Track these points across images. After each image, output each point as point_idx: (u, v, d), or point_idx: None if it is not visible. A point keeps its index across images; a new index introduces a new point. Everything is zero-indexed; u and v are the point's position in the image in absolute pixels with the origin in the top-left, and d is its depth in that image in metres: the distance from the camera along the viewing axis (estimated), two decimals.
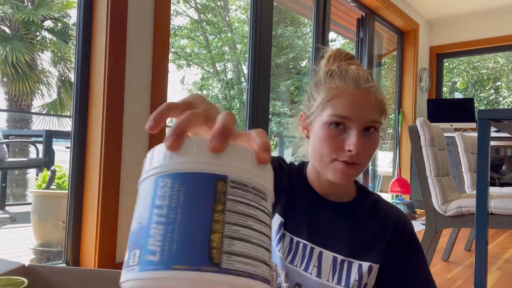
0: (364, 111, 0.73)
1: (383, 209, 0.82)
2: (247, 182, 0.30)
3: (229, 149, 0.31)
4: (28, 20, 6.47)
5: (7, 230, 2.94)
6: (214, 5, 12.53)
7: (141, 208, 0.33)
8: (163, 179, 0.31)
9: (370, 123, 0.74)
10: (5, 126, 6.52)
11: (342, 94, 0.74)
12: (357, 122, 0.73)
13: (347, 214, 0.80)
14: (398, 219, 0.81)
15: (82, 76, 1.81)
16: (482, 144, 1.22)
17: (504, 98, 7.10)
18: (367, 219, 0.80)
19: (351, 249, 0.77)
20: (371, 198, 0.84)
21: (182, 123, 0.34)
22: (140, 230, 0.30)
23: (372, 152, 0.76)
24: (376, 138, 0.76)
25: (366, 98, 0.74)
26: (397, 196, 4.13)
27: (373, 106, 0.74)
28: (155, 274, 0.26)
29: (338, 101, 0.74)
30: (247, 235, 0.28)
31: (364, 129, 0.74)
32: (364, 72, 0.77)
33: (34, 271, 0.94)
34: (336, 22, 4.18)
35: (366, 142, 0.74)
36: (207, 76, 13.29)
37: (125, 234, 1.84)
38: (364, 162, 0.75)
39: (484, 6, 4.34)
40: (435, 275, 2.08)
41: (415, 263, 0.79)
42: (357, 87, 0.74)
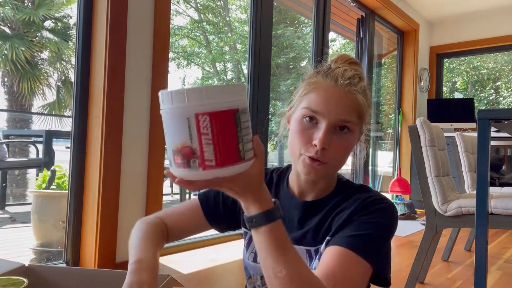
0: (336, 108, 0.72)
1: (361, 194, 0.76)
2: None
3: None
4: (28, 20, 6.47)
5: (7, 230, 2.94)
6: (214, 5, 12.52)
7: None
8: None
9: (342, 122, 0.72)
10: (5, 126, 6.52)
11: (318, 89, 0.74)
12: (328, 118, 0.71)
13: (317, 209, 0.80)
14: (371, 196, 0.75)
15: (82, 76, 1.81)
16: (482, 144, 1.22)
17: (504, 98, 7.10)
18: (336, 206, 0.77)
19: (318, 238, 0.77)
20: (351, 189, 0.79)
21: None
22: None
23: (343, 153, 0.73)
24: (348, 140, 0.73)
25: (342, 97, 0.73)
26: (397, 196, 4.13)
27: (348, 105, 0.72)
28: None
29: (313, 95, 0.74)
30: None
31: (338, 128, 0.72)
32: (353, 75, 0.75)
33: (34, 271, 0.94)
34: (336, 22, 4.18)
35: (336, 141, 0.72)
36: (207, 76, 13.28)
37: (125, 234, 1.84)
38: (333, 161, 0.73)
39: (484, 6, 4.34)
40: (435, 275, 2.08)
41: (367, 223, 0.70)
42: (335, 85, 0.74)
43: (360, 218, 0.72)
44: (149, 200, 1.93)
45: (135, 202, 1.88)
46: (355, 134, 0.75)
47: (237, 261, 2.09)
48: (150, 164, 1.93)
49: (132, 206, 1.87)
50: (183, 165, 0.48)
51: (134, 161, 1.87)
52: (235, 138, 0.50)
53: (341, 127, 0.72)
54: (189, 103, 0.47)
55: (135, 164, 1.88)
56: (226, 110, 0.49)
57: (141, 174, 1.90)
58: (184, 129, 0.48)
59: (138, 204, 1.90)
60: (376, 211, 0.73)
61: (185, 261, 2.10)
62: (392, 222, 0.74)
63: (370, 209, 0.73)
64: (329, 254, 0.67)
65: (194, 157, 0.48)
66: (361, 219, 0.71)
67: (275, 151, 6.94)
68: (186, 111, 0.47)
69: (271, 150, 7.22)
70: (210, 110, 0.48)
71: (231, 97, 0.49)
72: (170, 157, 0.50)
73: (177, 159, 0.49)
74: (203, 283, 1.76)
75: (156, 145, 1.95)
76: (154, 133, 1.94)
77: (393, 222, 0.74)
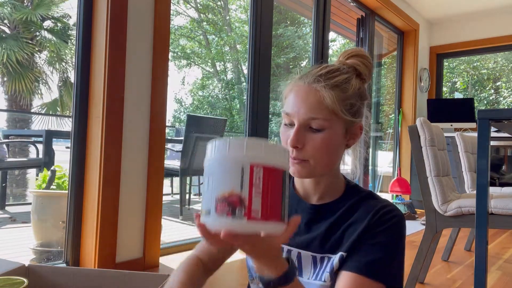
0: (303, 107, 0.73)
1: (369, 203, 0.77)
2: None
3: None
4: (26, 19, 6.46)
5: (7, 230, 2.94)
6: (214, 5, 12.52)
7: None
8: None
9: (310, 119, 0.72)
10: (5, 126, 6.52)
11: (292, 91, 0.76)
12: (297, 118, 0.73)
13: (326, 214, 0.80)
14: (382, 208, 0.75)
15: (82, 76, 1.81)
16: (482, 144, 1.22)
17: (504, 98, 7.10)
18: (346, 214, 0.78)
19: (327, 245, 0.77)
20: (360, 195, 0.80)
21: None
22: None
23: (322, 149, 0.73)
24: (325, 136, 0.73)
25: (308, 95, 0.73)
26: (397, 196, 4.13)
27: (313, 103, 0.72)
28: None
29: (288, 98, 0.77)
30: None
31: (310, 127, 0.73)
32: (328, 71, 0.75)
33: (34, 271, 0.94)
34: (336, 22, 4.18)
35: (311, 139, 0.73)
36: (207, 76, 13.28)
37: (125, 234, 1.84)
38: (313, 158, 0.73)
39: (484, 6, 4.34)
40: (435, 275, 2.07)
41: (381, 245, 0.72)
42: (303, 84, 0.75)
43: (375, 238, 0.73)
44: (149, 200, 1.93)
45: (135, 202, 1.88)
46: (333, 129, 0.74)
47: (237, 261, 2.09)
48: (150, 164, 1.93)
49: (132, 206, 1.87)
50: (226, 213, 0.48)
51: (134, 161, 1.87)
52: (280, 197, 0.51)
53: (313, 125, 0.73)
54: (247, 153, 0.49)
55: (135, 164, 1.88)
56: (278, 168, 0.51)
57: (141, 174, 1.91)
58: (236, 177, 0.48)
59: (138, 204, 1.90)
60: (389, 228, 0.74)
61: None
62: (404, 235, 0.76)
63: (383, 226, 0.74)
64: (347, 282, 0.70)
65: (241, 206, 0.48)
66: (376, 240, 0.73)
67: None
68: (243, 160, 0.49)
69: None
70: (265, 163, 0.49)
71: (282, 157, 0.52)
72: (210, 205, 0.49)
73: (220, 206, 0.48)
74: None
75: (156, 145, 1.95)
76: (154, 133, 1.94)
77: (404, 233, 0.77)
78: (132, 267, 1.84)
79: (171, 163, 3.53)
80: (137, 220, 1.90)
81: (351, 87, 0.76)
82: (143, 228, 1.92)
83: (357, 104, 0.77)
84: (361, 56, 0.81)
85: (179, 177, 3.39)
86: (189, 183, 3.99)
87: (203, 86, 13.10)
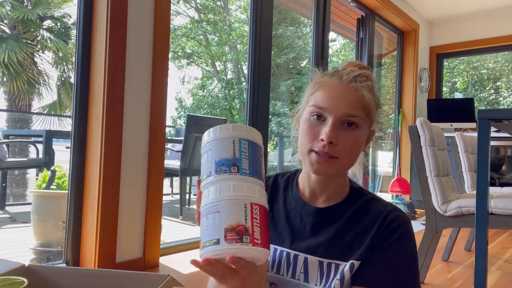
0: (341, 103, 0.74)
1: (375, 207, 0.78)
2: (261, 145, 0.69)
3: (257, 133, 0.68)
4: (24, 18, 6.45)
5: (7, 230, 2.94)
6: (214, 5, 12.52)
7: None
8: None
9: (348, 116, 0.73)
10: (5, 126, 6.52)
11: (324, 87, 0.77)
12: (334, 113, 0.73)
13: (332, 217, 0.79)
14: (389, 213, 0.76)
15: (82, 76, 1.81)
16: (482, 144, 1.22)
17: (504, 98, 7.10)
18: (354, 219, 0.78)
19: (335, 251, 0.76)
20: (364, 198, 0.80)
21: None
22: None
23: (352, 148, 0.74)
24: (357, 135, 0.75)
25: (348, 93, 0.74)
26: (397, 196, 4.13)
27: (354, 101, 0.74)
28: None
29: (319, 93, 0.76)
30: None
31: (346, 124, 0.74)
32: (359, 74, 0.77)
33: (34, 271, 0.94)
34: (336, 22, 4.18)
35: (344, 136, 0.73)
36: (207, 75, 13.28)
37: (125, 234, 1.84)
38: (343, 156, 0.74)
39: (484, 6, 4.34)
40: (435, 275, 2.08)
41: (395, 257, 0.73)
42: (340, 82, 0.76)
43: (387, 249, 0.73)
44: (149, 200, 1.93)
45: (135, 202, 1.88)
46: (363, 130, 0.76)
47: None
48: (150, 164, 1.93)
49: (132, 206, 1.87)
50: (235, 240, 0.58)
51: (134, 161, 1.87)
52: (268, 229, 0.63)
53: (348, 123, 0.74)
54: (247, 195, 0.61)
55: (135, 164, 1.88)
56: (265, 207, 0.63)
57: (141, 174, 1.91)
58: (241, 212, 0.60)
59: (138, 204, 1.90)
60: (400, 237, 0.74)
61: (185, 261, 2.10)
62: (414, 241, 0.77)
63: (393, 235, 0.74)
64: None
65: (246, 234, 0.58)
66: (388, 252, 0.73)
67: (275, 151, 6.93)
68: (245, 199, 0.61)
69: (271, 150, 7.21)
70: (259, 202, 0.62)
71: (266, 198, 0.66)
72: (219, 235, 0.58)
73: (230, 235, 0.58)
74: (203, 283, 1.76)
75: (156, 145, 1.95)
76: (154, 133, 1.94)
77: (414, 239, 0.77)
78: (132, 267, 1.84)
79: (171, 163, 3.53)
80: (137, 220, 1.90)
81: (378, 93, 0.80)
82: (143, 228, 1.92)
83: (378, 111, 0.80)
84: (367, 68, 0.84)
85: (179, 177, 3.39)
86: (189, 183, 3.99)
87: (202, 86, 13.11)
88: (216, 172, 0.63)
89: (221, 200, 0.60)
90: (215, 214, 0.60)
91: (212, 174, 0.63)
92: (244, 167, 0.63)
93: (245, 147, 0.64)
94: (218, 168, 0.63)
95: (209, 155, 0.65)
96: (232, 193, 0.61)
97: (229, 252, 0.58)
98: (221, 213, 0.60)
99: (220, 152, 0.64)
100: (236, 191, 0.61)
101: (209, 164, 0.64)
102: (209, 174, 0.63)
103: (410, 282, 0.74)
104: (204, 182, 0.64)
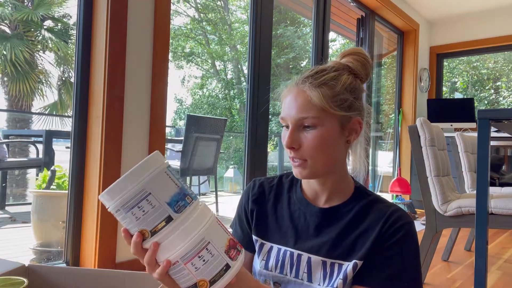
0: (293, 109, 0.76)
1: (378, 208, 0.78)
2: None
3: None
4: (27, 19, 6.45)
5: (7, 230, 2.94)
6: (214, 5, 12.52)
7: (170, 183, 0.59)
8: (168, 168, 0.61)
9: (300, 120, 0.75)
10: (5, 126, 6.52)
11: (284, 96, 0.80)
12: (290, 120, 0.76)
13: (335, 217, 0.80)
14: (392, 214, 0.76)
15: (82, 76, 1.81)
16: (482, 144, 1.22)
17: (504, 98, 7.10)
18: (357, 220, 0.78)
19: (338, 251, 0.76)
20: (368, 199, 0.80)
21: None
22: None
23: (317, 147, 0.74)
24: (317, 134, 0.74)
25: (297, 96, 0.76)
26: (397, 196, 4.13)
27: (303, 104, 0.75)
28: None
29: (283, 103, 0.80)
30: None
31: (304, 127, 0.75)
32: (311, 73, 0.78)
33: (34, 271, 0.94)
34: (336, 22, 4.18)
35: (305, 138, 0.75)
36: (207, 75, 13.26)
37: None
38: (311, 157, 0.75)
39: (484, 6, 4.34)
40: (435, 275, 2.07)
41: (398, 257, 0.74)
42: (292, 87, 0.78)
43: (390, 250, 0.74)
44: None
45: None
46: (324, 127, 0.75)
47: None
48: None
49: None
50: (237, 253, 0.60)
51: (134, 161, 1.87)
52: None
53: (305, 126, 0.75)
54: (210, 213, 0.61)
55: (135, 164, 1.87)
56: None
57: None
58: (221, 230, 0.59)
59: None
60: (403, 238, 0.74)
61: None
62: (416, 241, 0.77)
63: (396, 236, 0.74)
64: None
65: (237, 244, 0.61)
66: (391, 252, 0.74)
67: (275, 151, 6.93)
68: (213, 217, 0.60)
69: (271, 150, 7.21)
70: None
71: None
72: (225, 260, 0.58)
73: (232, 253, 0.59)
74: None
75: (156, 145, 1.95)
76: (154, 133, 1.94)
77: (416, 238, 0.78)
78: (132, 267, 1.84)
79: (171, 163, 3.53)
80: None
81: (339, 83, 0.76)
82: None
83: (350, 99, 0.77)
84: (354, 53, 0.83)
85: None
86: (189, 183, 3.99)
87: (202, 85, 13.10)
88: (177, 212, 0.56)
89: (204, 231, 0.57)
90: (207, 247, 0.56)
91: (173, 217, 0.56)
92: (189, 192, 0.59)
93: (173, 172, 0.59)
94: (175, 207, 0.56)
95: (151, 200, 0.55)
96: (207, 219, 0.58)
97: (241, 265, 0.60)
98: (212, 241, 0.57)
99: (165, 191, 0.56)
100: (206, 215, 0.59)
101: (159, 211, 0.55)
102: (167, 220, 0.55)
103: (412, 282, 0.74)
104: (164, 232, 0.56)
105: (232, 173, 6.18)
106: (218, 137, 3.51)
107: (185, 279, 0.56)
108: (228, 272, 0.57)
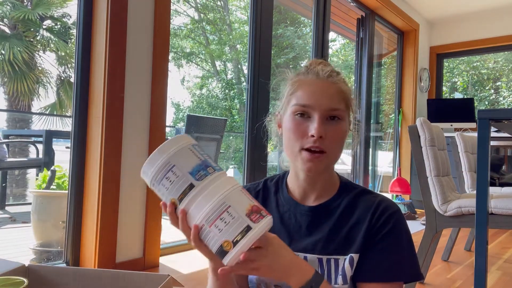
0: (324, 98, 0.76)
1: (365, 199, 0.80)
2: None
3: None
4: (25, 18, 6.44)
5: (7, 230, 2.94)
6: (214, 5, 12.52)
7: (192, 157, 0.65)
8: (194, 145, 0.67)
9: (331, 110, 0.75)
10: (5, 126, 6.52)
11: (303, 85, 0.78)
12: (318, 109, 0.75)
13: (326, 214, 0.80)
14: (379, 204, 0.78)
15: (82, 76, 1.81)
16: (482, 144, 1.22)
17: (504, 98, 7.10)
18: (346, 213, 0.79)
19: (333, 246, 0.77)
20: (354, 192, 0.82)
21: None
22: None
23: (338, 141, 0.76)
24: (341, 127, 0.77)
25: (326, 87, 0.77)
26: (397, 196, 4.13)
27: (333, 94, 0.76)
28: None
29: (300, 92, 0.78)
30: None
31: (329, 118, 0.76)
32: (330, 69, 0.80)
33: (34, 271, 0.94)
34: (336, 22, 4.18)
35: (330, 130, 0.75)
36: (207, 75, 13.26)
37: (125, 234, 1.84)
38: (331, 150, 0.76)
39: (484, 6, 4.34)
40: (435, 275, 2.07)
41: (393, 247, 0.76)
42: (317, 78, 0.78)
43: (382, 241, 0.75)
44: (149, 200, 1.93)
45: (135, 202, 1.88)
46: (345, 122, 0.78)
47: None
48: None
49: (132, 206, 1.87)
50: (260, 217, 0.61)
51: (134, 161, 1.87)
52: None
53: (331, 117, 0.76)
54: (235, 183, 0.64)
55: (135, 164, 1.88)
56: None
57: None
58: (244, 197, 0.63)
59: (138, 204, 1.90)
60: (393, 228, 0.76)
61: (185, 261, 2.10)
62: (407, 228, 0.79)
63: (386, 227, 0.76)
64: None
65: (261, 210, 0.63)
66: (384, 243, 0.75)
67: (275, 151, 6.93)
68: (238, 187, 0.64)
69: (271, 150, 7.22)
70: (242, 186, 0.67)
71: None
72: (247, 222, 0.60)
73: (254, 217, 0.61)
74: (203, 283, 1.76)
75: (156, 145, 1.95)
76: (154, 133, 1.94)
77: (406, 226, 0.79)
78: (132, 267, 1.84)
79: None
80: (137, 220, 1.90)
81: (349, 85, 0.81)
82: (143, 228, 1.92)
83: (354, 101, 0.83)
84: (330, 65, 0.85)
85: None
86: None
87: (202, 85, 13.10)
88: (198, 180, 0.62)
89: (224, 196, 0.61)
90: (228, 211, 0.60)
91: (194, 184, 0.62)
92: (214, 165, 0.65)
93: (199, 149, 0.65)
94: (197, 175, 0.62)
95: (175, 171, 0.63)
96: (228, 186, 0.62)
97: (264, 228, 0.61)
98: (233, 205, 0.60)
99: (188, 163, 0.63)
100: (229, 184, 0.63)
101: (182, 180, 0.62)
102: (190, 187, 0.62)
103: (413, 268, 0.76)
104: (188, 198, 0.62)
105: (232, 173, 6.19)
106: (218, 137, 3.51)
107: (212, 242, 0.61)
108: (249, 233, 0.59)
